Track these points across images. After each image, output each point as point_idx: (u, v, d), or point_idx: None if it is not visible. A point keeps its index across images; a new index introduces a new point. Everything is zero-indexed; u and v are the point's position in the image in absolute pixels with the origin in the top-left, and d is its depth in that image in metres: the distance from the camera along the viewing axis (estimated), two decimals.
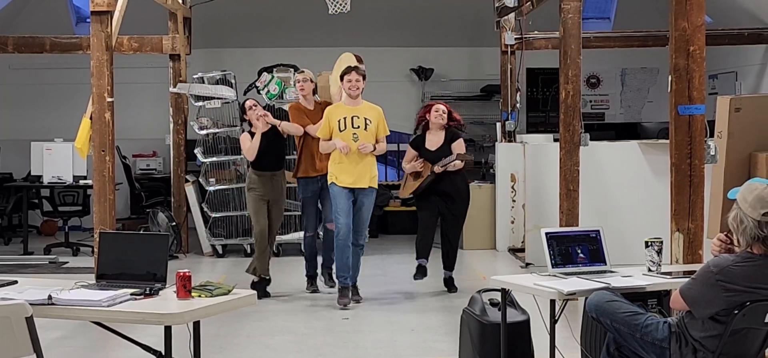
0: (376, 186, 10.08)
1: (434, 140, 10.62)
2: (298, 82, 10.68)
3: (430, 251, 10.74)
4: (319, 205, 10.70)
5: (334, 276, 10.30)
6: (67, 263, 13.23)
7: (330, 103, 10.40)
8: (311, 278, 10.84)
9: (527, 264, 12.11)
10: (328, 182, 9.93)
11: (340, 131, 9.79)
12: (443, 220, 10.71)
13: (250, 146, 10.35)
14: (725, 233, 5.51)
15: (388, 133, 10.09)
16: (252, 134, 10.40)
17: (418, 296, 10.85)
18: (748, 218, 5.12)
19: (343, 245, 9.81)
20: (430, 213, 10.66)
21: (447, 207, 10.61)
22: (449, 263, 10.76)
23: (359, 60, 10.49)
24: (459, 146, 10.51)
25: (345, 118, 9.81)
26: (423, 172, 10.55)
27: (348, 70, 9.92)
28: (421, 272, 10.74)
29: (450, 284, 10.79)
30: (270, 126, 10.36)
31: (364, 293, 10.25)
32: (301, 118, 10.44)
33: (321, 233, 10.97)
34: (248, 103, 10.60)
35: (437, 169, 10.38)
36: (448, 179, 10.50)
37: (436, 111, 10.63)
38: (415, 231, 16.19)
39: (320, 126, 9.99)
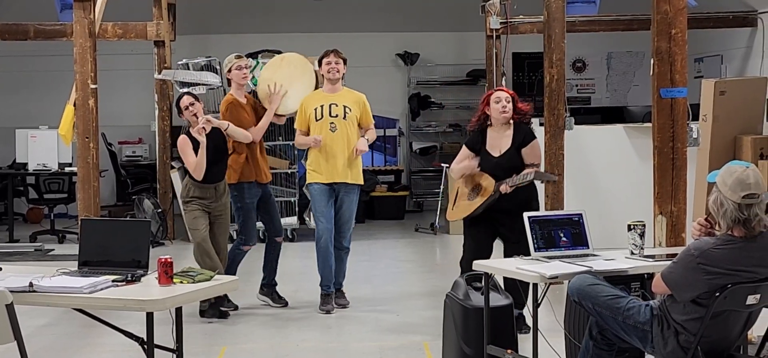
0: (361, 182, 9.19)
1: (498, 140, 7.84)
2: (240, 68, 9.08)
3: None
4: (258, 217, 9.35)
5: (278, 292, 9.43)
6: (52, 250, 13.23)
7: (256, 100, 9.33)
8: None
9: None
10: (307, 182, 9.19)
11: (317, 121, 8.91)
12: (506, 241, 7.85)
13: (197, 163, 8.51)
14: (705, 216, 5.51)
15: (373, 121, 9.26)
16: (191, 137, 8.58)
17: (402, 280, 10.87)
18: (728, 201, 5.12)
19: (325, 251, 9.00)
20: (484, 235, 7.89)
21: (509, 226, 7.64)
22: (517, 297, 7.04)
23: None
24: (533, 153, 7.81)
25: (322, 106, 8.94)
26: (483, 186, 7.77)
27: (327, 53, 9.06)
28: None
29: (521, 323, 7.65)
30: (211, 128, 8.61)
31: (350, 276, 9.81)
32: (240, 116, 8.97)
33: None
34: (185, 100, 8.66)
35: (505, 189, 7.57)
36: (513, 191, 7.68)
37: (498, 102, 7.78)
38: (400, 216, 16.51)
39: (260, 126, 9.04)
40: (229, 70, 9.16)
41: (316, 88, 9.38)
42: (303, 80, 9.40)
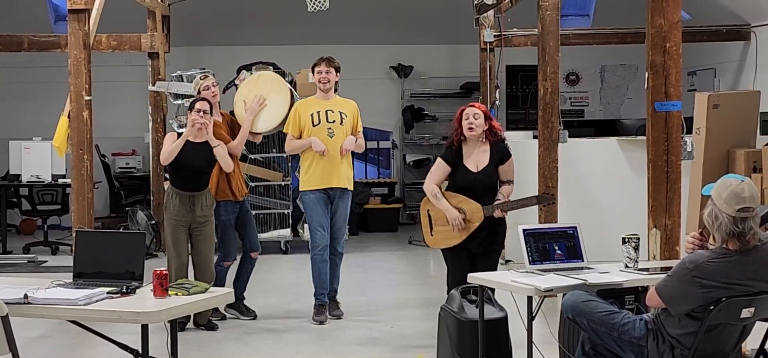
0: (352, 188, 9.22)
1: (475, 156, 7.68)
2: (208, 88, 8.95)
3: None
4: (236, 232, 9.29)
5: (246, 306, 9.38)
6: (46, 262, 13.20)
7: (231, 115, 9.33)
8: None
9: (507, 261, 12.11)
10: (301, 191, 9.17)
11: (314, 126, 8.95)
12: (476, 257, 7.70)
13: (170, 148, 8.40)
14: (699, 230, 5.53)
15: (361, 129, 9.22)
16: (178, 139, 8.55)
17: (396, 292, 10.87)
18: (722, 214, 5.13)
19: (321, 261, 9.05)
20: (465, 258, 7.71)
21: (479, 242, 7.67)
22: None
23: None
24: (510, 170, 7.76)
25: (318, 113, 8.98)
26: (465, 211, 7.57)
27: (319, 61, 9.09)
28: None
29: None
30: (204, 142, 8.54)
31: (344, 289, 9.83)
32: (218, 135, 8.74)
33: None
34: (200, 104, 8.54)
35: (498, 213, 7.56)
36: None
37: (467, 119, 7.63)
38: (394, 229, 16.50)
39: (238, 142, 9.00)
40: (198, 92, 9.03)
41: (292, 106, 9.34)
42: (279, 98, 9.36)
